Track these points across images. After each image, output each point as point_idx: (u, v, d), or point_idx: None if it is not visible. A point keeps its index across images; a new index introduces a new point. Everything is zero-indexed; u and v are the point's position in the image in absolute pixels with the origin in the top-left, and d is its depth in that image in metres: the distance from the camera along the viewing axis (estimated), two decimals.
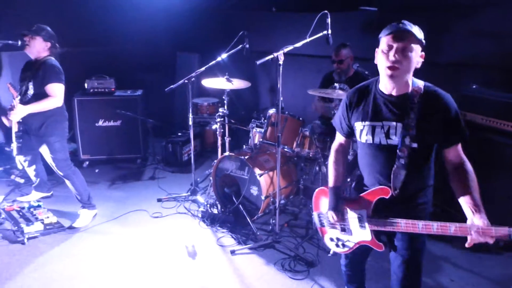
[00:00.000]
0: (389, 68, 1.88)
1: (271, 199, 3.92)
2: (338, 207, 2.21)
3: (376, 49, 1.98)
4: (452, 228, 1.83)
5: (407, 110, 1.91)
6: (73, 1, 5.66)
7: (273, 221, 3.72)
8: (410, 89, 1.95)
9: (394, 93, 1.97)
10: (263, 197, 3.83)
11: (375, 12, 4.89)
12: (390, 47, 1.87)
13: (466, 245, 1.80)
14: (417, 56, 1.89)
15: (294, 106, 5.34)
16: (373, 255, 2.28)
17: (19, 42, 3.60)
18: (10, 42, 3.60)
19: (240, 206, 3.89)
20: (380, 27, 2.04)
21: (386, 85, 1.98)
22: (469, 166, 1.93)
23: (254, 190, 3.96)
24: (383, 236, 2.19)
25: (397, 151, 1.93)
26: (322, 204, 2.39)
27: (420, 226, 1.92)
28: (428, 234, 1.94)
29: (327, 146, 4.10)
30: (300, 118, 4.12)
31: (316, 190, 2.45)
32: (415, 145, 1.90)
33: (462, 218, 1.87)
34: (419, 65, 1.93)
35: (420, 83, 1.97)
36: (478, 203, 1.81)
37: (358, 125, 2.07)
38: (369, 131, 2.01)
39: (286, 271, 3.27)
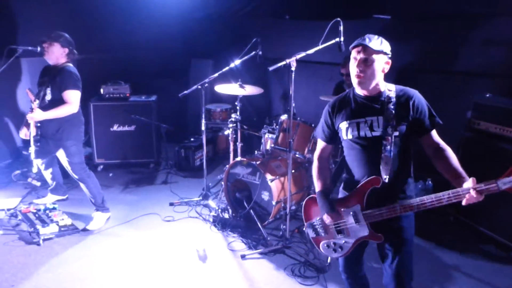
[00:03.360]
0: (356, 76, 2.17)
1: (282, 205, 3.94)
2: (331, 208, 2.31)
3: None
4: (445, 197, 1.95)
5: (385, 105, 2.17)
6: (90, 8, 5.79)
7: (284, 227, 3.74)
8: (383, 88, 2.21)
9: (369, 94, 2.22)
10: (274, 203, 3.85)
11: (389, 21, 4.90)
12: (355, 59, 2.17)
13: (463, 203, 1.93)
14: (380, 64, 2.16)
15: (306, 113, 5.36)
16: (377, 259, 2.30)
17: (38, 48, 3.71)
18: (29, 48, 3.71)
19: (251, 211, 3.92)
20: (393, 35, 2.11)
21: (359, 90, 2.25)
22: (446, 146, 2.16)
23: (265, 196, 3.98)
24: (379, 232, 2.27)
25: (382, 140, 2.13)
26: (314, 213, 2.47)
27: (415, 205, 2.06)
28: (436, 242, 1.99)
29: (338, 152, 4.11)
30: (312, 125, 4.14)
31: (304, 201, 2.53)
32: (396, 133, 2.13)
33: (474, 228, 1.86)
34: (386, 71, 2.20)
35: (391, 84, 2.24)
36: (461, 171, 2.03)
37: (343, 125, 2.27)
38: (354, 128, 2.22)
39: (296, 276, 3.28)
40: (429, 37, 4.55)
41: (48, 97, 3.74)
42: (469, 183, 1.91)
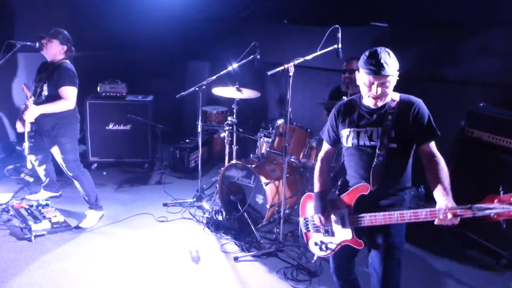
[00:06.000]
0: (373, 98, 2.19)
1: (276, 208, 3.96)
2: (325, 210, 2.38)
3: (357, 72, 2.25)
4: (423, 214, 1.98)
5: (385, 116, 2.19)
6: (89, 6, 5.78)
7: (277, 230, 3.75)
8: (388, 99, 2.23)
9: (374, 106, 2.25)
10: (268, 206, 3.86)
11: (386, 28, 4.96)
12: (371, 83, 2.15)
13: (435, 223, 1.94)
14: (394, 81, 2.17)
15: (302, 118, 5.40)
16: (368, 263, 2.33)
17: (37, 44, 3.70)
18: (28, 43, 3.70)
19: (245, 214, 3.92)
20: (390, 43, 2.13)
21: (369, 103, 2.25)
22: (440, 159, 2.16)
23: (259, 199, 3.99)
24: (364, 237, 2.31)
25: (377, 150, 2.17)
26: (308, 209, 2.57)
27: (395, 217, 2.09)
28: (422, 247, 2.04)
29: (334, 158, 4.12)
30: (308, 130, 4.17)
31: (303, 196, 2.65)
32: (394, 145, 2.16)
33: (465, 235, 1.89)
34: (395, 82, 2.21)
35: (396, 95, 2.26)
36: (446, 188, 2.02)
37: (345, 132, 2.32)
38: (354, 136, 2.27)
39: (288, 279, 3.29)
40: (425, 46, 4.61)
41: (45, 93, 3.73)
42: (444, 202, 1.92)
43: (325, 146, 2.55)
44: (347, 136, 2.31)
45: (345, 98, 4.04)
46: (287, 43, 5.90)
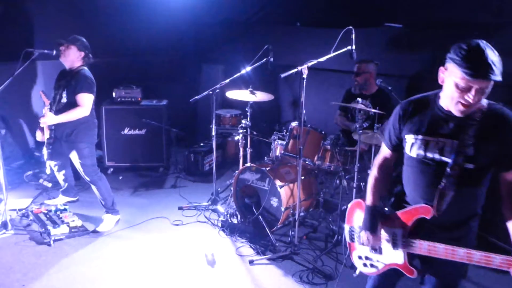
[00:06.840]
0: (463, 105, 1.73)
1: (291, 211, 3.94)
2: (373, 229, 2.06)
3: (442, 68, 1.85)
4: (497, 260, 1.70)
5: (466, 128, 1.77)
6: (103, 13, 5.87)
7: (292, 233, 3.73)
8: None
9: (461, 114, 1.80)
10: (283, 209, 3.85)
11: (400, 29, 4.91)
12: (468, 87, 1.69)
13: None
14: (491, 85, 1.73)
15: (316, 120, 5.38)
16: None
17: (54, 52, 3.78)
18: (45, 51, 3.78)
19: (260, 217, 3.92)
20: (405, 43, 2.07)
21: (450, 107, 1.82)
22: None
23: (274, 202, 3.99)
24: (416, 261, 2.03)
25: (448, 169, 1.79)
26: (356, 218, 2.25)
27: (461, 253, 1.78)
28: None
29: (348, 160, 4.11)
30: (322, 132, 4.15)
31: (352, 201, 2.31)
32: (470, 165, 1.77)
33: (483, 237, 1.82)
34: None
35: (484, 101, 1.81)
36: None
37: (410, 138, 1.91)
38: (421, 145, 1.87)
39: (304, 283, 3.27)
40: (440, 46, 4.55)
41: (64, 100, 3.81)
42: None
43: (384, 151, 2.13)
44: (411, 144, 1.89)
45: (359, 99, 4.03)
46: (300, 45, 5.89)
